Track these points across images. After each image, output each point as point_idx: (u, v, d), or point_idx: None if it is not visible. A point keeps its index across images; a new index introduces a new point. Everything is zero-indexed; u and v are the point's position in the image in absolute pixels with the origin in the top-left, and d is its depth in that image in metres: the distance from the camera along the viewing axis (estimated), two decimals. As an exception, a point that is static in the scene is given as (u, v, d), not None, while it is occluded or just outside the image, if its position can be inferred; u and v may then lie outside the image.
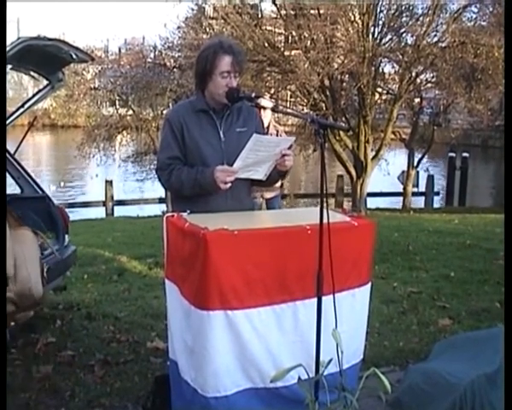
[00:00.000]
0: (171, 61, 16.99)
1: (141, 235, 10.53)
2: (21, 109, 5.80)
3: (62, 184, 21.81)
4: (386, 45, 14.27)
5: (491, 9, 14.96)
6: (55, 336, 5.12)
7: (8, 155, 5.59)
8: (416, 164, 19.09)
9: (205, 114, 3.50)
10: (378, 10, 14.02)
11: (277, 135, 5.96)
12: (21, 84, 35.18)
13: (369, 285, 3.45)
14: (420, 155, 19.29)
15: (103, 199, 17.55)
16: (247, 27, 13.78)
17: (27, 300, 3.15)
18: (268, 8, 15.90)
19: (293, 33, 14.44)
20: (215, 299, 2.90)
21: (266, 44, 14.07)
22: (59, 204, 6.38)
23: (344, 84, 15.42)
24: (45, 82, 5.85)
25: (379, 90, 15.77)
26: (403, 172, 19.09)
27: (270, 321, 3.04)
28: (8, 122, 5.49)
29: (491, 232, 10.13)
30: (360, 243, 3.31)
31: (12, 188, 5.88)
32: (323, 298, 2.93)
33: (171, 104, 16.75)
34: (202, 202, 3.42)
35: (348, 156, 15.46)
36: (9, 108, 5.79)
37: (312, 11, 13.95)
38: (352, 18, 14.07)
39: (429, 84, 16.35)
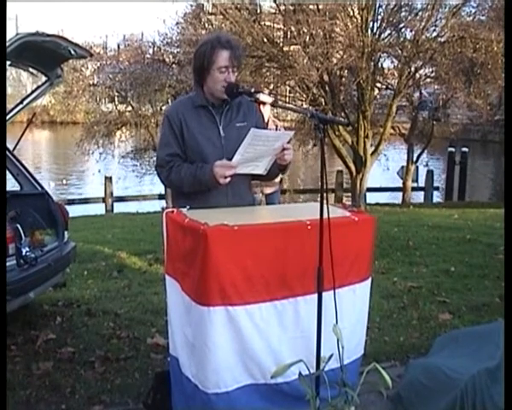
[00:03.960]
0: (170, 56, 16.96)
1: (140, 231, 10.53)
2: (20, 106, 5.79)
3: (65, 181, 21.82)
4: (386, 40, 14.23)
5: (490, 4, 14.93)
6: (55, 333, 5.13)
7: (7, 151, 5.58)
8: (415, 159, 19.09)
9: (204, 109, 3.49)
10: (377, 5, 13.99)
11: (276, 130, 5.95)
12: (20, 80, 35.17)
13: (369, 280, 3.45)
14: (419, 150, 19.29)
15: (103, 195, 17.54)
16: (245, 23, 13.74)
17: None
18: (267, 3, 15.87)
19: (292, 29, 14.42)
20: (215, 295, 2.90)
21: (265, 40, 14.03)
22: (58, 201, 6.37)
23: (343, 79, 15.38)
24: (44, 78, 5.84)
25: (378, 85, 15.73)
26: (402, 167, 19.09)
27: (270, 317, 3.04)
28: (7, 119, 5.48)
29: (490, 227, 10.14)
30: (360, 238, 3.31)
31: (11, 185, 5.87)
32: (324, 294, 2.93)
33: (170, 100, 16.74)
34: (203, 199, 3.41)
35: (348, 151, 15.43)
36: (8, 105, 5.77)
37: (311, 6, 13.91)
38: (351, 13, 14.03)
39: (428, 79, 16.33)
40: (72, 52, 5.28)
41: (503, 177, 3.13)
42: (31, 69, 5.77)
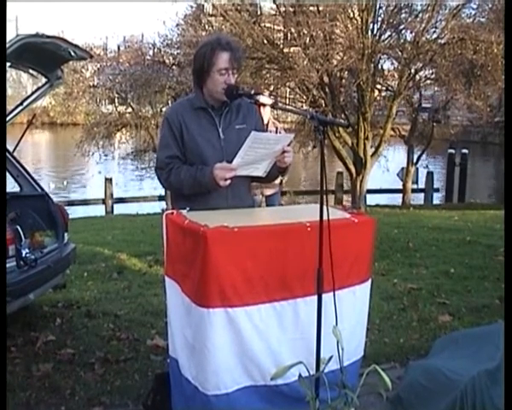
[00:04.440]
0: (170, 58, 16.97)
1: (140, 232, 10.53)
2: (20, 107, 5.78)
3: (65, 183, 21.84)
4: (386, 42, 14.24)
5: (490, 6, 14.94)
6: (54, 335, 5.12)
7: (7, 153, 5.58)
8: (415, 160, 19.09)
9: (203, 111, 3.49)
10: (377, 7, 14.00)
11: (277, 132, 5.95)
12: (20, 82, 35.17)
13: (369, 282, 3.45)
14: (419, 152, 19.29)
15: (103, 197, 17.54)
16: (246, 24, 13.75)
17: None
18: (267, 5, 15.88)
19: (292, 30, 14.42)
20: (215, 296, 2.90)
21: (265, 41, 14.04)
22: (58, 202, 6.37)
23: (343, 80, 15.39)
24: (44, 80, 5.84)
25: (378, 86, 15.73)
26: (402, 168, 19.09)
27: (270, 318, 3.04)
28: (7, 120, 5.48)
29: (490, 228, 10.14)
30: (360, 239, 3.30)
31: (11, 186, 5.87)
32: (324, 295, 2.92)
33: (170, 101, 16.74)
34: (202, 201, 3.41)
35: (347, 153, 15.44)
36: (8, 106, 5.77)
37: (311, 8, 13.91)
38: (352, 15, 14.05)
39: (428, 81, 16.34)
40: (73, 53, 5.28)
41: (503, 178, 3.13)
42: (31, 70, 5.77)
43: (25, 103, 5.81)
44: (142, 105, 18.23)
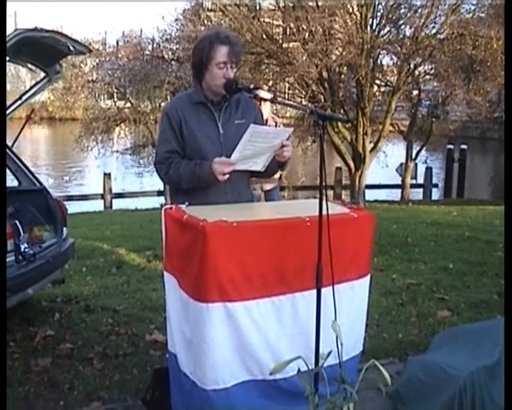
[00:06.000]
0: (169, 53, 16.96)
1: (139, 227, 10.52)
2: (19, 102, 5.77)
3: (67, 178, 21.84)
4: (385, 37, 14.26)
5: (489, 1, 14.94)
6: (53, 329, 5.12)
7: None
8: (414, 156, 19.10)
9: (203, 106, 3.47)
10: (376, 2, 14.00)
11: (276, 127, 5.95)
12: (19, 76, 35.12)
13: (368, 277, 3.44)
14: (418, 147, 19.30)
15: (101, 192, 17.53)
16: (245, 19, 13.75)
17: None
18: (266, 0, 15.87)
19: (292, 25, 14.43)
20: (214, 291, 2.89)
21: (264, 36, 14.04)
22: (57, 197, 6.37)
23: (342, 76, 15.40)
24: (42, 74, 5.82)
25: (377, 82, 15.77)
26: (401, 164, 19.11)
27: (269, 313, 3.03)
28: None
29: (489, 224, 10.14)
30: (359, 234, 3.30)
31: (10, 181, 5.86)
32: (322, 290, 2.92)
33: (169, 97, 16.74)
34: (201, 196, 3.40)
35: (346, 148, 15.46)
36: (7, 101, 5.76)
37: (310, 3, 13.92)
38: (351, 10, 14.06)
39: (428, 76, 16.35)
40: (71, 48, 5.26)
41: (502, 174, 3.13)
42: (29, 65, 5.76)
43: (23, 98, 5.80)
44: (141, 100, 18.24)
